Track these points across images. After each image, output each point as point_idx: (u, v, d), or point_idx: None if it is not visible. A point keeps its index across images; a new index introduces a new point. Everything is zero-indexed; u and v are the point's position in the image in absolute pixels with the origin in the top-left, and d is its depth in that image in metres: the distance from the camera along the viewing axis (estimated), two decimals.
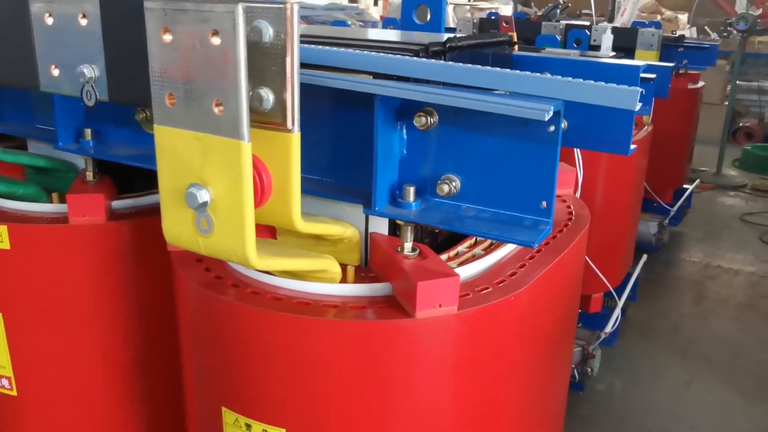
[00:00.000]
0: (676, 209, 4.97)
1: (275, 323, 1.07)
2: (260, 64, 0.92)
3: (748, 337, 3.89)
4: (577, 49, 3.60)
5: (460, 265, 1.22)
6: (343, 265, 1.17)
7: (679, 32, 6.68)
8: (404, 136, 1.10)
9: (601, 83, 0.94)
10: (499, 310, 1.12)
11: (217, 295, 1.11)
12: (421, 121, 1.04)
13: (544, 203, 1.02)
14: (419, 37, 1.45)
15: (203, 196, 0.93)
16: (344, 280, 1.16)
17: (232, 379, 1.14)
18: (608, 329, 3.09)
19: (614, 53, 3.31)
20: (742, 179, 7.09)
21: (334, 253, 1.19)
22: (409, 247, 1.12)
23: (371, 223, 1.20)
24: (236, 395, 1.15)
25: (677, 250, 5.14)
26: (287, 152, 0.96)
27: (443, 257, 1.19)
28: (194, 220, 0.97)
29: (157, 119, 0.95)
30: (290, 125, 0.94)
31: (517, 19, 5.36)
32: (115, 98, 1.14)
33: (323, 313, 1.07)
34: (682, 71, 4.86)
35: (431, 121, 1.05)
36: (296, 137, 0.95)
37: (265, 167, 0.98)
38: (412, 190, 1.08)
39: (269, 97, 0.93)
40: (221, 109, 0.89)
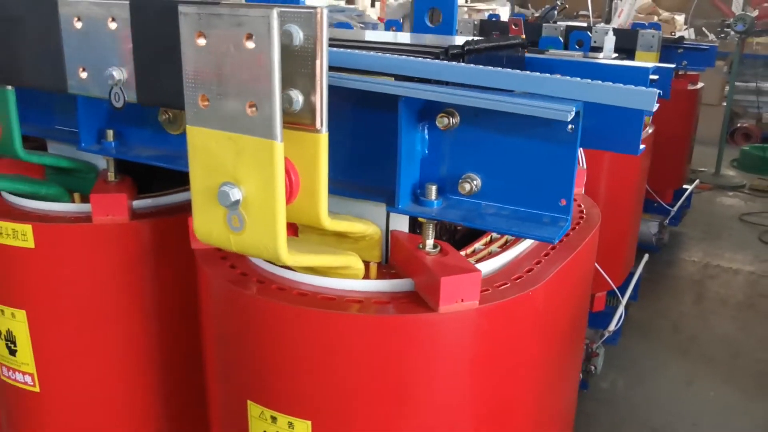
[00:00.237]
0: (676, 209, 5.02)
1: (301, 318, 1.10)
2: (290, 66, 0.95)
3: (748, 336, 3.93)
4: (579, 50, 3.64)
5: (477, 262, 1.25)
6: (365, 262, 1.20)
7: (678, 33, 6.74)
8: (426, 136, 1.13)
9: (619, 85, 0.98)
10: (517, 305, 1.15)
11: (244, 291, 1.15)
12: (443, 121, 1.08)
13: (563, 201, 1.06)
14: (432, 39, 1.48)
15: (236, 194, 0.96)
16: (366, 276, 1.19)
17: (257, 372, 1.18)
18: (612, 327, 3.13)
19: (616, 54, 3.35)
20: (740, 179, 7.14)
21: (355, 250, 1.22)
22: (430, 244, 1.15)
23: (392, 221, 1.23)
24: (262, 389, 1.18)
25: (677, 250, 5.18)
26: (315, 152, 0.99)
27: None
28: (226, 217, 1.00)
29: (189, 120, 0.98)
30: (319, 126, 0.97)
31: (510, 20, 5.40)
32: (144, 100, 1.17)
33: (348, 307, 1.10)
34: (681, 72, 4.91)
35: (453, 121, 1.08)
36: (324, 137, 0.99)
37: (293, 166, 1.01)
38: (434, 188, 1.12)
39: (299, 98, 0.97)
40: (254, 110, 0.92)
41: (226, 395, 1.28)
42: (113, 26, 1.15)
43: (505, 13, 12.08)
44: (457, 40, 1.39)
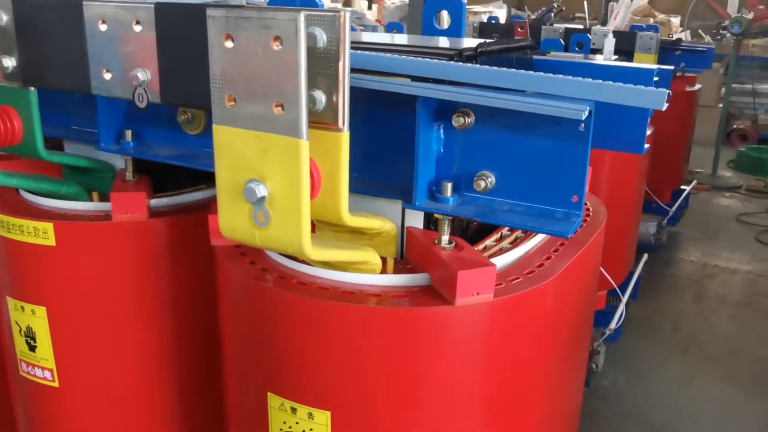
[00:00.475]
0: (674, 210, 5.07)
1: (322, 311, 1.13)
2: (313, 67, 0.98)
3: (746, 334, 3.97)
4: (579, 52, 3.68)
5: (489, 258, 1.28)
6: (381, 257, 1.23)
7: (675, 35, 6.79)
8: (441, 135, 1.17)
9: (630, 85, 1.02)
10: (529, 298, 1.19)
11: (265, 285, 1.18)
12: (459, 121, 1.12)
13: (575, 197, 1.09)
14: (443, 42, 1.52)
15: (261, 191, 1.00)
16: (383, 271, 1.23)
17: (278, 365, 1.21)
18: (613, 325, 3.17)
19: (616, 56, 3.40)
20: (737, 180, 7.20)
21: (371, 246, 1.26)
22: (446, 239, 1.19)
23: (407, 217, 1.27)
24: (282, 380, 1.21)
25: (676, 250, 5.22)
26: (337, 150, 1.03)
27: None
28: (251, 214, 1.03)
29: (216, 120, 1.02)
30: (341, 125, 1.01)
31: (515, 22, 5.45)
32: (167, 100, 1.20)
33: (367, 301, 1.14)
34: (679, 74, 4.96)
35: (468, 121, 1.12)
36: (346, 136, 1.02)
37: (315, 164, 1.05)
38: (449, 185, 1.15)
39: (321, 98, 1.00)
40: (280, 110, 0.96)
41: (245, 388, 1.31)
42: (138, 29, 1.19)
43: (502, 15, 12.14)
44: (465, 42, 1.43)
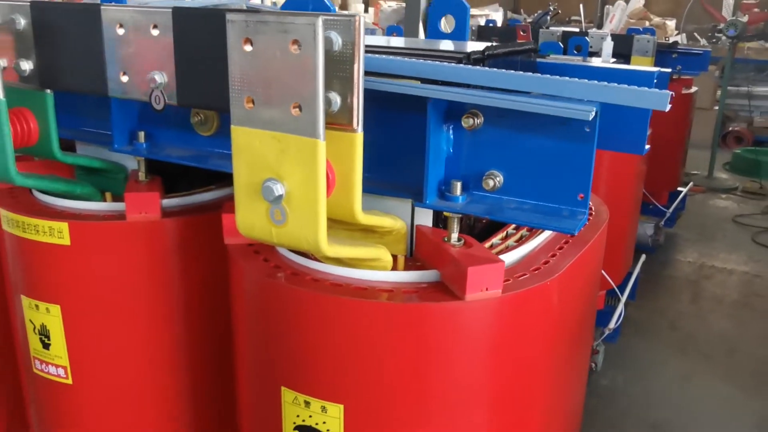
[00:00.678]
0: (671, 211, 5.11)
1: (336, 306, 1.17)
2: (329, 70, 1.02)
3: (743, 333, 4.02)
4: (577, 55, 3.73)
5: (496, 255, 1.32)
6: (392, 255, 1.27)
7: (671, 38, 6.84)
8: (451, 136, 1.20)
9: (634, 87, 1.05)
10: (536, 294, 1.22)
11: (280, 282, 1.21)
12: (468, 121, 1.15)
13: (581, 195, 1.13)
14: (449, 45, 1.56)
15: (279, 189, 1.03)
16: (394, 268, 1.26)
17: (292, 360, 1.24)
18: (612, 325, 3.21)
19: (614, 59, 3.44)
20: (733, 182, 7.26)
21: (381, 244, 1.29)
22: (455, 237, 1.22)
23: (416, 216, 1.30)
24: (296, 375, 1.25)
25: (673, 251, 5.27)
26: (352, 150, 1.06)
27: None
28: (268, 212, 1.07)
29: (235, 121, 1.05)
30: (355, 125, 1.05)
31: (513, 26, 5.50)
32: (184, 102, 1.24)
33: (379, 296, 1.17)
34: (675, 77, 5.01)
35: (477, 122, 1.16)
36: (360, 137, 1.06)
37: (329, 164, 1.08)
38: (458, 184, 1.19)
39: (336, 100, 1.04)
40: (298, 111, 0.99)
41: (258, 383, 1.34)
42: (155, 33, 1.22)
43: (498, 18, 12.20)
44: (470, 45, 1.47)
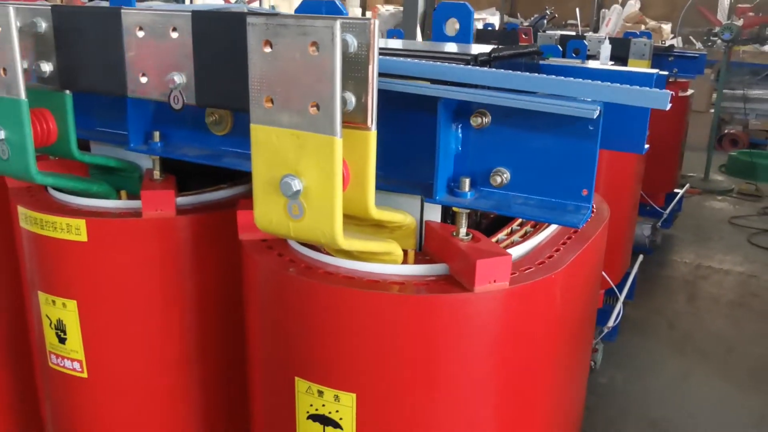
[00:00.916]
0: (668, 212, 5.17)
1: (349, 298, 1.21)
2: (345, 71, 1.06)
3: (740, 332, 4.07)
4: (575, 58, 3.78)
5: None
6: (402, 249, 1.31)
7: (667, 42, 6.90)
8: (459, 134, 1.25)
9: (635, 87, 1.10)
10: (541, 286, 1.27)
11: (295, 275, 1.26)
12: (477, 120, 1.20)
13: (584, 191, 1.18)
14: (454, 47, 1.61)
15: (297, 185, 1.08)
16: (404, 262, 1.31)
17: (306, 351, 1.29)
18: (611, 323, 3.25)
19: (612, 62, 3.49)
20: (728, 184, 7.33)
21: (392, 239, 1.34)
22: (463, 231, 1.27)
23: (426, 212, 1.35)
24: (310, 365, 1.29)
25: (670, 251, 5.33)
26: (366, 147, 1.11)
27: None
28: (286, 207, 1.11)
29: (254, 119, 1.10)
30: (369, 124, 1.09)
31: (511, 30, 5.56)
32: (203, 102, 1.28)
33: (390, 288, 1.22)
34: (671, 79, 5.07)
35: (485, 120, 1.21)
36: (374, 135, 1.10)
37: (344, 160, 1.13)
38: (467, 181, 1.24)
39: (352, 99, 1.08)
40: (316, 110, 1.04)
41: (272, 374, 1.39)
42: (174, 35, 1.27)
43: (495, 21, 12.26)
44: (475, 48, 1.52)
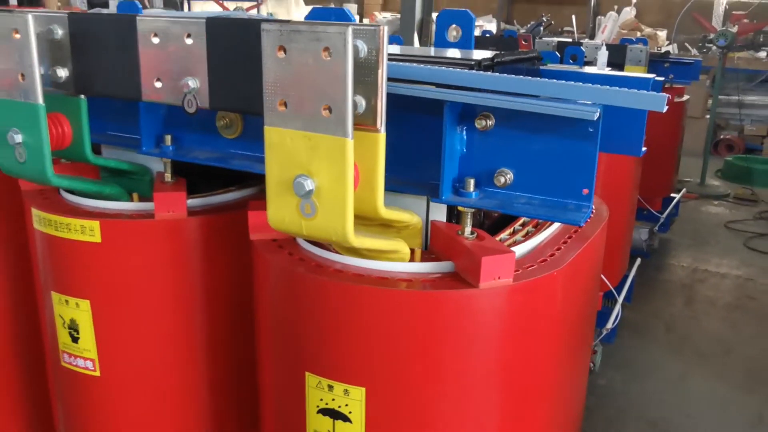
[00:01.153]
0: (665, 217, 5.23)
1: (359, 294, 1.26)
2: (356, 75, 1.11)
3: (737, 334, 4.12)
4: (573, 64, 3.84)
5: None
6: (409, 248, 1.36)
7: (663, 48, 6.98)
8: (464, 136, 1.30)
9: (633, 90, 1.15)
10: (544, 283, 1.31)
11: (306, 273, 1.30)
12: (481, 123, 1.25)
13: (585, 190, 1.23)
14: (456, 53, 1.66)
15: (309, 185, 1.12)
16: (411, 260, 1.35)
17: (316, 346, 1.33)
18: (609, 325, 3.30)
19: (609, 68, 3.55)
20: (725, 189, 7.39)
21: (398, 238, 1.38)
22: (468, 230, 1.31)
23: (431, 212, 1.39)
24: (320, 360, 1.33)
25: (667, 255, 5.38)
26: (375, 149, 1.15)
27: None
28: (298, 206, 1.16)
29: (268, 122, 1.14)
30: (379, 126, 1.14)
31: (509, 37, 5.62)
32: (216, 106, 1.33)
33: (398, 285, 1.26)
34: (667, 85, 5.13)
35: (489, 123, 1.25)
36: (383, 136, 1.15)
37: (354, 161, 1.17)
38: (472, 181, 1.28)
39: (362, 102, 1.13)
40: (328, 112, 1.08)
41: (283, 370, 1.43)
42: (189, 41, 1.31)
43: (493, 28, 12.33)
44: (478, 53, 1.56)
